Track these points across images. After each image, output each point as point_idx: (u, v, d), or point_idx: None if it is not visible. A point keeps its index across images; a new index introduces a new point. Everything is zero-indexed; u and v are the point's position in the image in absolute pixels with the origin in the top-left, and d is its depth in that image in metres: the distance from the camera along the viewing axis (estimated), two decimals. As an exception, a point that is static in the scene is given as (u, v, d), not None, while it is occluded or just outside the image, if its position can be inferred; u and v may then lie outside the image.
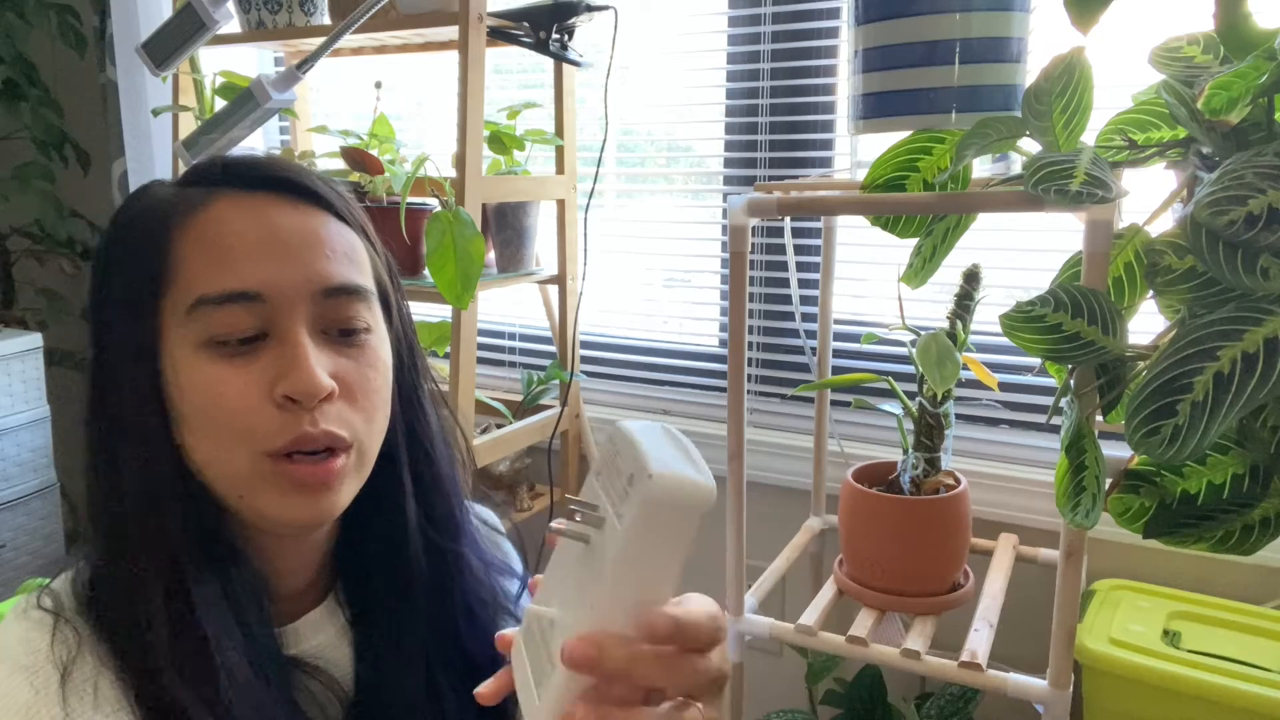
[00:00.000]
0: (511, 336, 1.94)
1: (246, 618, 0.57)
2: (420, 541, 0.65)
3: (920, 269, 1.01)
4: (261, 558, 0.60)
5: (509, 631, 0.53)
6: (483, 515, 0.78)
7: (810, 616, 1.11)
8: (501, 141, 1.54)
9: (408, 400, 0.66)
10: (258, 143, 2.05)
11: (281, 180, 0.58)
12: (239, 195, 0.57)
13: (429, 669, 0.64)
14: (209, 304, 0.54)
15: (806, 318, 1.57)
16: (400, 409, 0.65)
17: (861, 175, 0.97)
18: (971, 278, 1.14)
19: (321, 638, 0.64)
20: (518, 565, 0.78)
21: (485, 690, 0.53)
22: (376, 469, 0.62)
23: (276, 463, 0.55)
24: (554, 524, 0.46)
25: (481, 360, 1.92)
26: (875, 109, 0.99)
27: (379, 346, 0.60)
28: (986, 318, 1.10)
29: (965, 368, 1.13)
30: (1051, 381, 1.33)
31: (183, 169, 1.74)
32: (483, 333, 1.88)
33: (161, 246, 0.56)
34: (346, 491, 0.58)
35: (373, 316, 0.60)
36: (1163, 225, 0.79)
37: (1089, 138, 0.83)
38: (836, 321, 1.42)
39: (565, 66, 1.60)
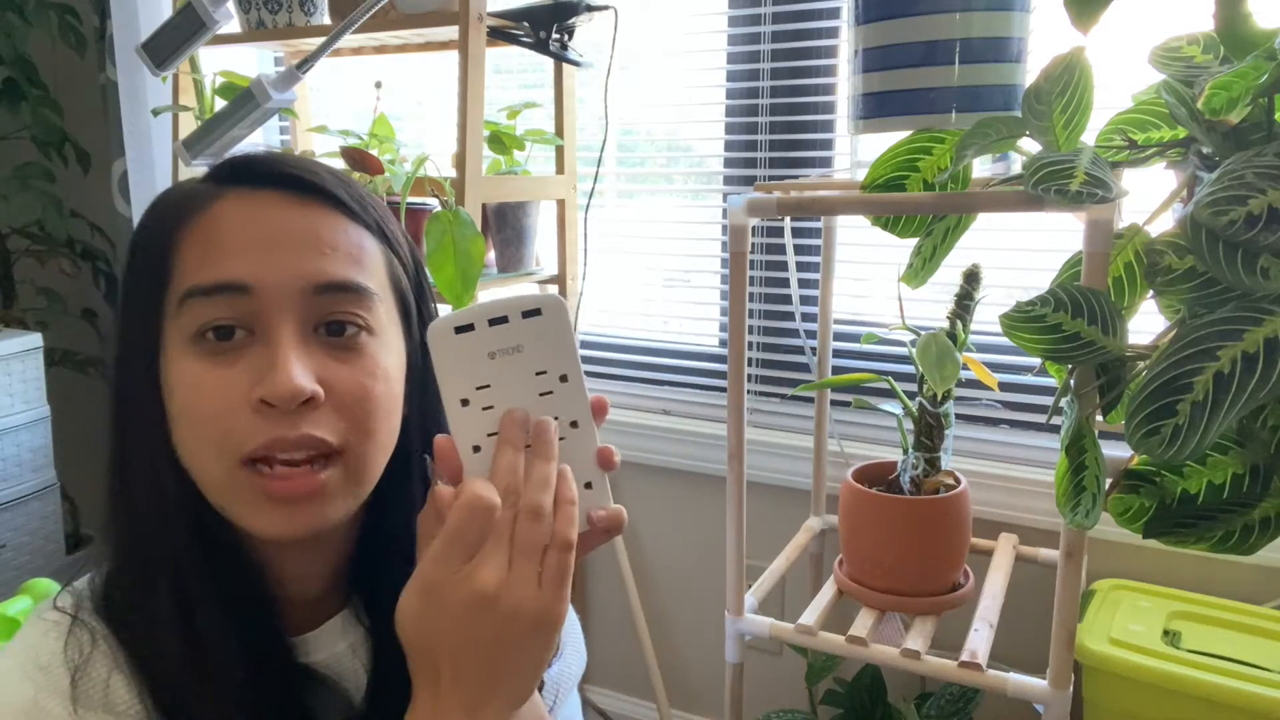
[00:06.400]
0: (511, 336, 1.94)
1: (250, 623, 0.56)
2: None
3: (920, 269, 1.01)
4: (267, 563, 0.59)
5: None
6: None
7: (810, 616, 1.11)
8: (501, 141, 1.54)
9: (433, 409, 0.62)
10: (258, 143, 2.04)
11: (288, 177, 0.57)
12: (244, 193, 0.56)
13: None
14: (196, 295, 0.53)
15: (806, 318, 1.57)
16: (419, 418, 0.62)
17: (861, 175, 0.97)
18: (971, 278, 1.14)
19: (338, 648, 0.62)
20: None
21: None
22: (396, 478, 0.60)
23: (252, 473, 0.52)
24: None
25: (481, 360, 1.91)
26: (875, 109, 0.99)
27: (381, 352, 0.57)
28: (986, 318, 1.10)
29: (965, 368, 1.13)
30: (1051, 381, 1.33)
31: (183, 169, 1.74)
32: (483, 333, 1.87)
33: (166, 245, 0.55)
34: (336, 506, 0.55)
35: (375, 319, 0.57)
36: (1163, 225, 0.79)
37: (1089, 138, 0.83)
38: (836, 321, 1.42)
39: (565, 66, 1.60)
